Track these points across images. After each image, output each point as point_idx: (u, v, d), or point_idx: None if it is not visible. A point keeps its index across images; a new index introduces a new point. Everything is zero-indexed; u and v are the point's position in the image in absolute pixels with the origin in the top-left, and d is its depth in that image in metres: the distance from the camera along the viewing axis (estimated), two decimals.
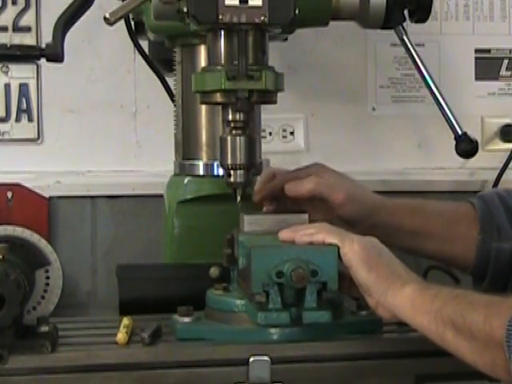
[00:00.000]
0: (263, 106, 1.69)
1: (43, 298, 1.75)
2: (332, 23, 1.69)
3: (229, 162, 1.48)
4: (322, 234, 1.33)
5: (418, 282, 1.27)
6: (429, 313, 1.21)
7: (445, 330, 1.19)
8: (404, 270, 1.30)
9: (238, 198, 1.51)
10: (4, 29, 2.08)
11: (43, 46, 1.63)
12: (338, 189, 1.49)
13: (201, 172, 1.75)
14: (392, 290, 1.26)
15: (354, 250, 1.30)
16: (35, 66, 2.08)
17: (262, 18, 1.39)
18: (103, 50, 2.11)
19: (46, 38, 1.69)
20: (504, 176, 2.15)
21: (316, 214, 1.49)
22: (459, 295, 1.20)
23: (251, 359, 1.34)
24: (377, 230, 1.48)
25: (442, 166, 2.20)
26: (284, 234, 1.37)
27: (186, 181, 1.76)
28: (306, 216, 1.45)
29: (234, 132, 1.47)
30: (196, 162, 1.76)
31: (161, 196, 1.84)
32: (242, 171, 1.49)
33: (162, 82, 2.02)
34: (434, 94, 1.75)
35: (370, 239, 1.33)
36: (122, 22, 1.90)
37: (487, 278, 1.52)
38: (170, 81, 1.93)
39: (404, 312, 1.25)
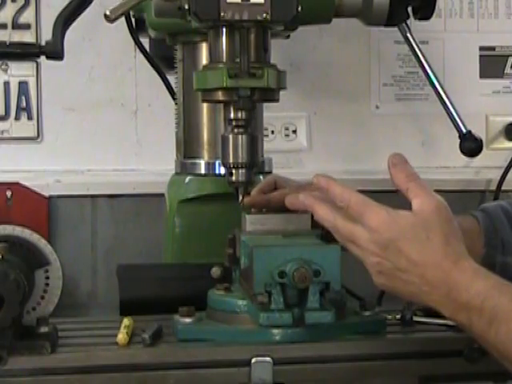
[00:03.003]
0: (265, 104, 1.69)
1: (43, 298, 1.74)
2: (335, 20, 1.69)
3: (231, 160, 1.47)
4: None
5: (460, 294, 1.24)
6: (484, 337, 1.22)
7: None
8: (434, 270, 1.26)
9: (240, 197, 1.50)
10: (3, 26, 2.07)
11: (43, 43, 1.63)
12: None
13: (202, 171, 1.74)
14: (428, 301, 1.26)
15: (375, 282, 1.29)
16: (35, 64, 2.08)
17: (265, 15, 1.38)
18: (103, 48, 2.11)
19: (46, 35, 1.69)
20: (509, 175, 2.14)
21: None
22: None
23: (253, 360, 1.33)
24: None
25: (446, 165, 2.19)
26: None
27: (187, 180, 1.75)
28: (308, 216, 1.44)
29: (235, 130, 1.46)
30: (197, 161, 1.75)
31: (162, 195, 1.83)
32: (243, 170, 1.48)
33: (163, 80, 2.01)
34: (438, 92, 1.75)
35: (385, 243, 1.27)
36: (123, 19, 1.89)
37: None
38: (171, 79, 1.92)
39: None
